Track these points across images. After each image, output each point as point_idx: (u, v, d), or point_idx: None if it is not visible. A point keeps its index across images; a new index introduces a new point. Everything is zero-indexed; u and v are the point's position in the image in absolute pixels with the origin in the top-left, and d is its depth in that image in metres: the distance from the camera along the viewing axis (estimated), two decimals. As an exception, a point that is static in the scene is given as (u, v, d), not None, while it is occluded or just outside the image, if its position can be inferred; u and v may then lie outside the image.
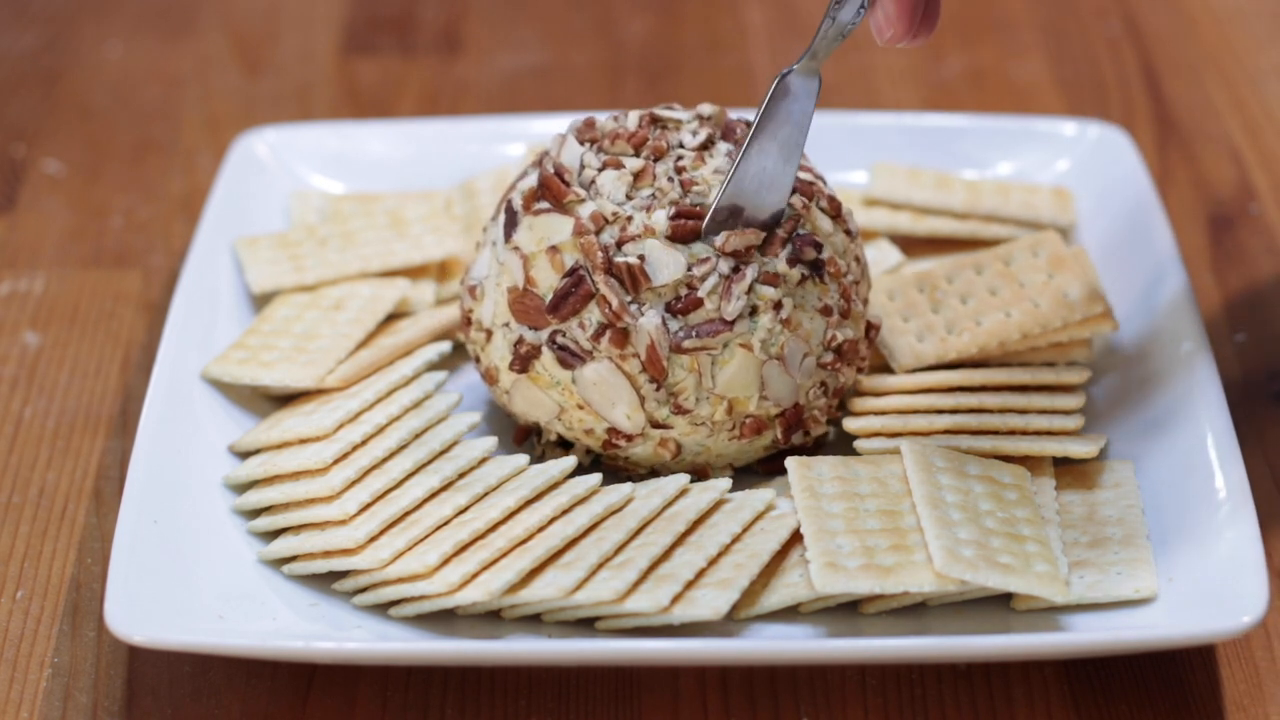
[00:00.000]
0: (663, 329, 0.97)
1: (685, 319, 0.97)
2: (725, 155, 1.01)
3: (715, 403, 0.99)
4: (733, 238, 0.97)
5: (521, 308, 1.00)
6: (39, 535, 1.04)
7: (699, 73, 1.49)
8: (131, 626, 0.89)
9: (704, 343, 0.97)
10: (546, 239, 0.99)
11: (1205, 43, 1.48)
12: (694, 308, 0.97)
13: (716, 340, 0.97)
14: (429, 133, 1.29)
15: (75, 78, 1.47)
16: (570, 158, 1.01)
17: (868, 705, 0.93)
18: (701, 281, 0.97)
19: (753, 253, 0.98)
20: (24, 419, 1.13)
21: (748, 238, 0.97)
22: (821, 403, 1.01)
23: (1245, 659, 0.95)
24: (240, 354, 1.08)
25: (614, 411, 0.99)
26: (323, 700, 0.93)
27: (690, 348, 0.97)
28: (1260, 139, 1.38)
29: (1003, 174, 1.26)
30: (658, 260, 0.97)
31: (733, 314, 0.96)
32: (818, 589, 0.90)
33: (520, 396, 1.01)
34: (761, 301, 0.98)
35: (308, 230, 1.18)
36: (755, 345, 0.98)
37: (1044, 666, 0.94)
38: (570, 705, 0.93)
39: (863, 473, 0.97)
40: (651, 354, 0.97)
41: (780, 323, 0.98)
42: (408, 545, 0.95)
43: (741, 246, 0.97)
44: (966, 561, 0.90)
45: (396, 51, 1.51)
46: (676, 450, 1.00)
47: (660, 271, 0.97)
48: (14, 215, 1.31)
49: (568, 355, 0.99)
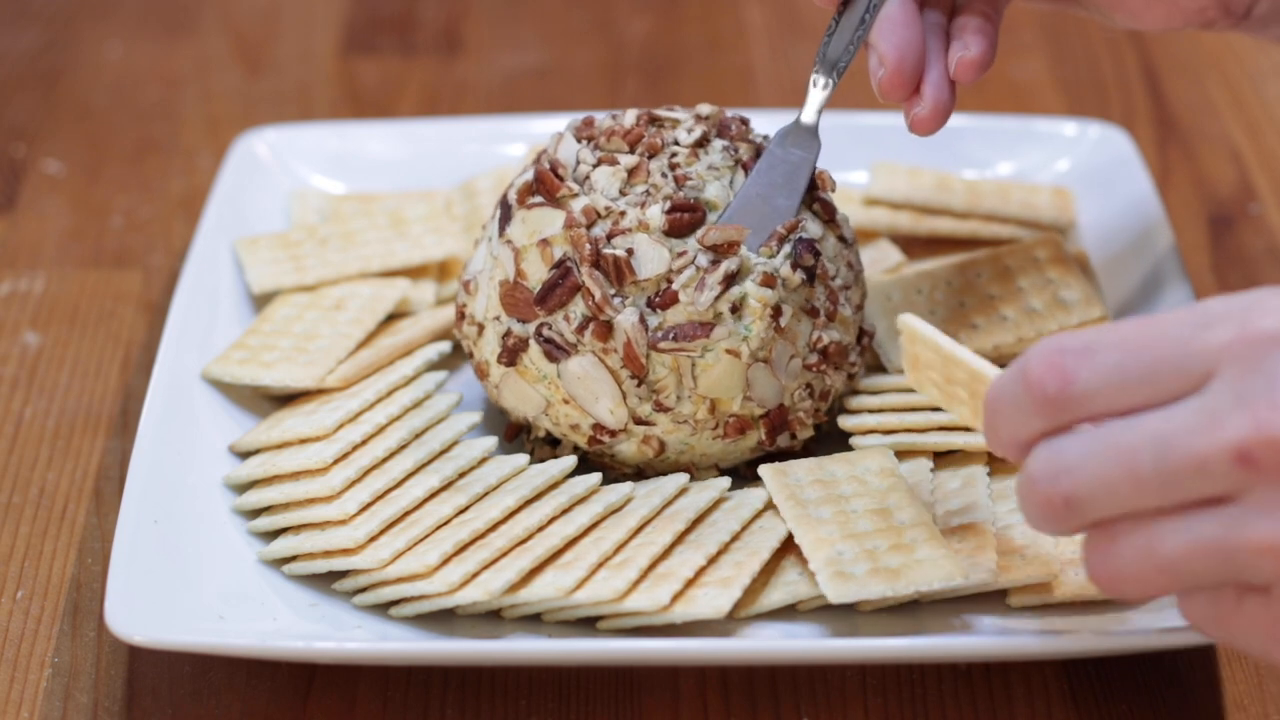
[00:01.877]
0: (639, 326, 0.97)
1: (664, 315, 0.97)
2: (720, 151, 1.01)
3: (697, 401, 0.99)
4: (712, 231, 0.97)
5: (511, 300, 1.00)
6: (39, 535, 1.04)
7: (699, 73, 1.49)
8: (131, 626, 0.89)
9: (681, 345, 0.97)
10: (538, 232, 1.00)
11: (1205, 43, 1.48)
12: (671, 303, 0.97)
13: (694, 345, 0.97)
14: (429, 133, 1.29)
15: (75, 78, 1.47)
16: (566, 154, 1.01)
17: (868, 705, 0.92)
18: (678, 274, 0.97)
19: (736, 248, 0.97)
20: (24, 419, 1.13)
21: (728, 233, 0.97)
22: (807, 404, 1.01)
23: (1245, 659, 0.95)
24: (240, 354, 1.08)
25: (597, 406, 0.99)
26: (323, 700, 0.93)
27: (666, 349, 0.97)
28: (1260, 139, 1.38)
29: (1003, 174, 1.26)
30: (644, 254, 0.97)
31: (704, 304, 0.96)
32: (831, 600, 0.90)
33: (509, 391, 1.01)
34: (758, 304, 0.98)
35: (308, 230, 1.18)
36: (744, 352, 0.97)
37: (1044, 666, 0.94)
38: (570, 705, 0.93)
39: (839, 472, 0.97)
40: (629, 350, 0.97)
41: (775, 330, 0.98)
42: (408, 545, 0.95)
43: (721, 241, 0.97)
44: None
45: (396, 51, 1.51)
46: (660, 448, 1.00)
47: (645, 265, 0.97)
48: (14, 215, 1.31)
49: (553, 348, 0.99)
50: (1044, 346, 0.78)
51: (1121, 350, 0.77)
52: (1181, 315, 0.77)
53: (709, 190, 0.99)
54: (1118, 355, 0.77)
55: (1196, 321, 0.76)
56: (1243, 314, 0.76)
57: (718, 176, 1.00)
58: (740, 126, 1.03)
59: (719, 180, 1.00)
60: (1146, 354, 0.76)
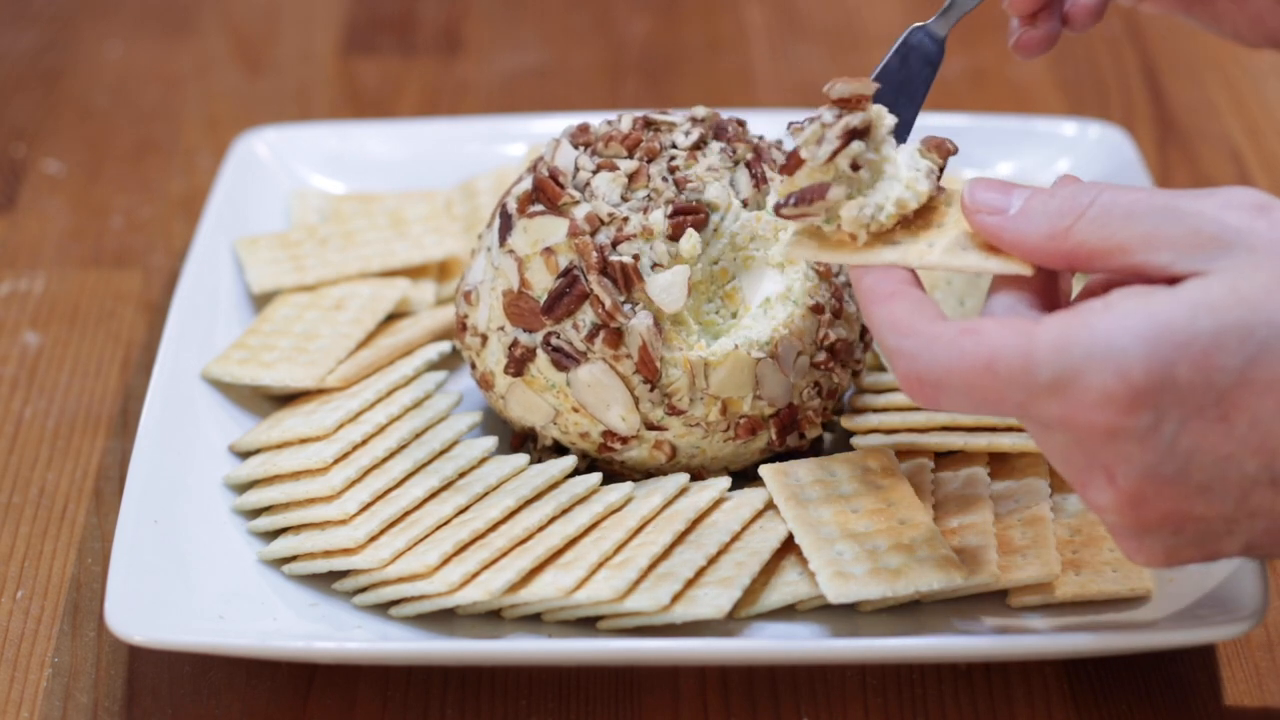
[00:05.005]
0: (654, 329, 0.97)
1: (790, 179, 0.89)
2: (719, 153, 1.01)
3: (709, 403, 0.99)
4: (840, 84, 0.88)
5: (516, 310, 1.00)
6: (39, 535, 1.04)
7: (699, 73, 1.49)
8: (131, 626, 0.89)
9: (802, 210, 0.88)
10: (541, 241, 0.99)
11: (1205, 43, 1.48)
12: (796, 166, 0.88)
13: (815, 208, 0.87)
14: (429, 133, 1.29)
15: (75, 78, 1.47)
16: (564, 161, 1.01)
17: (868, 705, 0.93)
18: (800, 131, 0.88)
19: (865, 103, 0.88)
20: (24, 419, 1.13)
21: (857, 87, 0.88)
22: (816, 403, 1.01)
23: (1245, 659, 0.95)
24: (240, 354, 1.08)
25: (609, 413, 0.99)
26: (323, 700, 0.93)
27: (789, 214, 0.88)
28: (1260, 139, 1.38)
29: (1003, 174, 1.26)
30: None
31: (822, 158, 0.86)
32: (831, 600, 0.90)
33: (515, 401, 1.01)
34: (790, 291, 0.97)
35: (308, 230, 1.18)
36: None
37: (1044, 666, 0.94)
38: (570, 705, 0.93)
39: (840, 473, 0.97)
40: (644, 354, 0.97)
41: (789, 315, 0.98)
42: (408, 545, 0.95)
43: (849, 95, 0.88)
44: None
45: (396, 51, 1.52)
46: (672, 453, 1.00)
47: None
48: (14, 215, 1.31)
49: (562, 357, 0.99)
50: (899, 369, 0.83)
51: (968, 398, 0.81)
52: (1016, 375, 0.80)
53: (710, 191, 0.99)
54: (964, 402, 0.82)
55: (1030, 386, 0.80)
56: (1074, 389, 0.79)
57: (717, 178, 1.00)
58: (737, 128, 1.03)
59: (719, 181, 1.00)
60: (985, 408, 0.81)
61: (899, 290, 0.85)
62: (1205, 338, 0.78)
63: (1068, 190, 0.83)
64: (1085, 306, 0.80)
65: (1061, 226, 0.82)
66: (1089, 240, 0.82)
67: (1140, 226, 0.81)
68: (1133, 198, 0.82)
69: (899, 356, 0.83)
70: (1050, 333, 0.79)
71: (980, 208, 0.85)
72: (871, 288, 0.85)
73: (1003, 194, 0.85)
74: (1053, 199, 0.83)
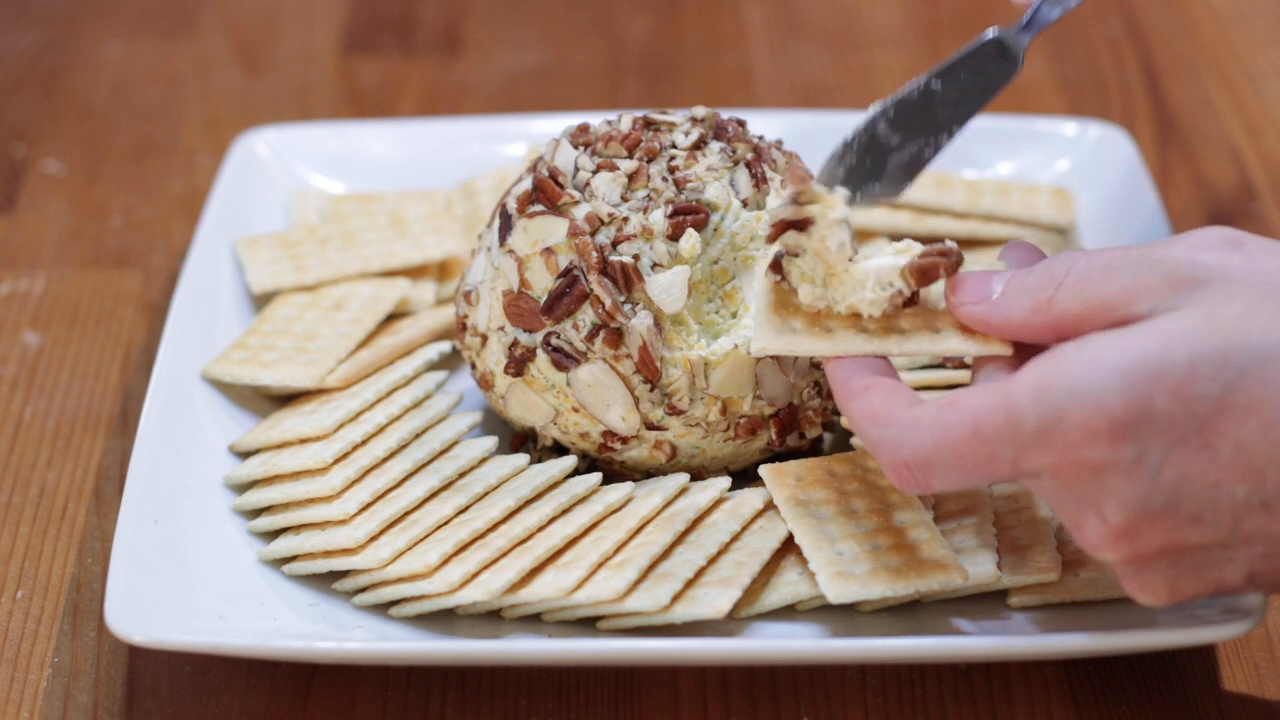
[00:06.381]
0: (654, 329, 0.97)
1: None
2: (719, 153, 1.01)
3: (709, 403, 0.99)
4: (787, 193, 0.90)
5: (516, 310, 1.00)
6: (39, 535, 1.04)
7: (699, 73, 1.49)
8: (131, 626, 0.89)
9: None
10: (541, 241, 0.99)
11: (1205, 43, 1.48)
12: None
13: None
14: (429, 133, 1.29)
15: (75, 78, 1.47)
16: (564, 161, 1.01)
17: (868, 705, 0.93)
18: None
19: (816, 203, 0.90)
20: (24, 419, 1.13)
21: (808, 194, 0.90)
22: (816, 403, 1.01)
23: (1245, 659, 0.95)
24: (240, 354, 1.08)
25: (609, 413, 0.99)
26: (323, 700, 0.93)
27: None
28: (1260, 139, 1.38)
29: (1003, 174, 1.26)
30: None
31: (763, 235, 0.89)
32: (831, 600, 0.90)
33: (515, 401, 1.01)
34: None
35: (308, 230, 1.18)
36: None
37: (1044, 666, 0.94)
38: (570, 705, 0.93)
39: (840, 472, 0.97)
40: (644, 354, 0.97)
41: None
42: (408, 545, 0.95)
43: (789, 216, 0.90)
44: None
45: (396, 51, 1.52)
46: (672, 453, 1.00)
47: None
48: (14, 215, 1.31)
49: (562, 357, 0.99)
50: (885, 459, 0.84)
51: (959, 469, 0.82)
52: (1002, 431, 0.81)
53: (710, 191, 0.99)
54: (955, 475, 0.83)
55: (1018, 439, 0.81)
56: (1058, 431, 0.79)
57: (717, 177, 1.00)
58: (737, 128, 1.03)
59: (719, 181, 1.00)
60: (977, 474, 0.82)
61: (872, 383, 0.86)
62: (1181, 367, 0.78)
63: (1043, 264, 0.85)
64: (1059, 350, 0.81)
65: (1044, 299, 0.84)
66: (1072, 306, 0.83)
67: (1118, 281, 0.82)
68: (1107, 256, 0.83)
69: (883, 446, 0.84)
70: (1027, 382, 0.80)
71: (964, 300, 0.87)
72: (845, 382, 0.87)
73: (983, 282, 0.87)
74: (1030, 276, 0.85)
